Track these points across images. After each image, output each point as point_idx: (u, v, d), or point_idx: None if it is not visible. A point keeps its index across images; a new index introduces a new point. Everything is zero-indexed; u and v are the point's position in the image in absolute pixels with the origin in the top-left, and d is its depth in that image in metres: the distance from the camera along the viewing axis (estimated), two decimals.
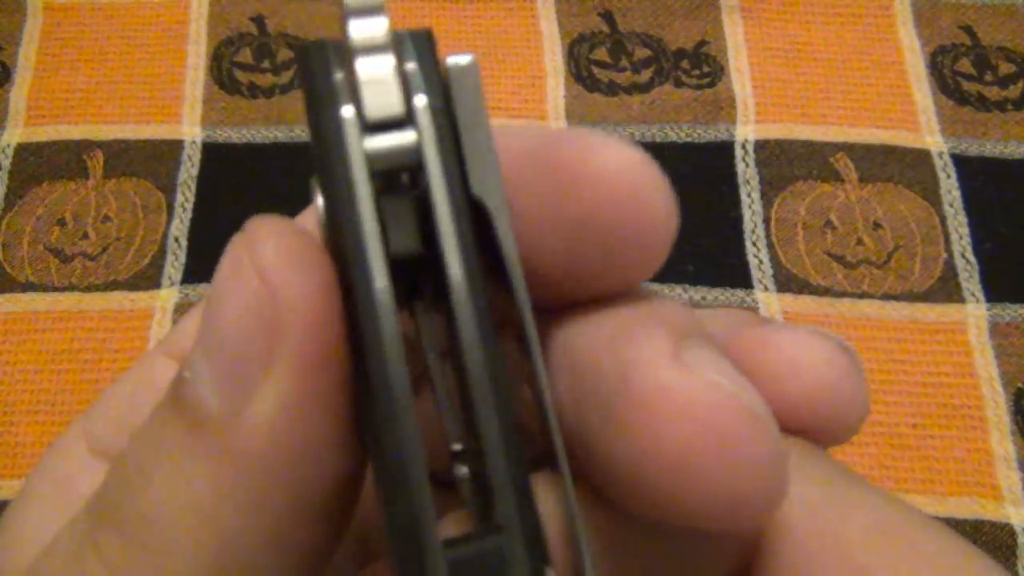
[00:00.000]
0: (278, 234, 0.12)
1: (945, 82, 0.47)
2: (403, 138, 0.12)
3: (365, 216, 0.12)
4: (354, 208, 0.12)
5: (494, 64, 0.47)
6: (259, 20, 0.48)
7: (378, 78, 0.12)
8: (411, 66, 0.12)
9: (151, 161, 0.44)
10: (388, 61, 0.12)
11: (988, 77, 0.47)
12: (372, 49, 0.12)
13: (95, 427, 0.17)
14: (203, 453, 0.12)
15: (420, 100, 0.12)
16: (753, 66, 0.47)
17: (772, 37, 0.48)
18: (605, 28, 0.48)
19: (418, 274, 0.13)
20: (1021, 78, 0.47)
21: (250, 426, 0.12)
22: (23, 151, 0.44)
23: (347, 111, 0.12)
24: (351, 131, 0.12)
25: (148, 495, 0.13)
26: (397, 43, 0.12)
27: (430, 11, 0.48)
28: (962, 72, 0.47)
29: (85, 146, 0.44)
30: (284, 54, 0.47)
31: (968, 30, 0.49)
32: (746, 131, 0.45)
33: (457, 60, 0.12)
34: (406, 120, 0.12)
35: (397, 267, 0.12)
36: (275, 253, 0.12)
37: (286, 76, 0.46)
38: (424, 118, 0.12)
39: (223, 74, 0.46)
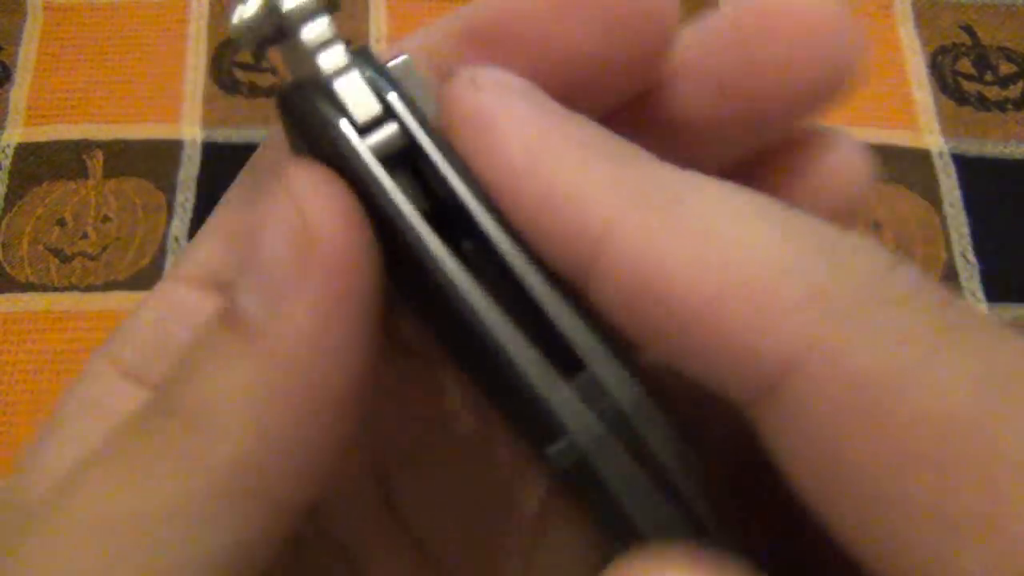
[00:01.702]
0: (309, 172, 0.15)
1: (945, 82, 0.47)
2: (391, 128, 0.15)
3: (390, 189, 0.15)
4: (380, 188, 0.15)
5: None
6: None
7: (356, 91, 0.15)
8: (369, 74, 0.15)
9: (151, 161, 0.44)
10: (357, 77, 0.15)
11: (988, 77, 0.47)
12: (340, 72, 0.15)
13: (124, 352, 0.18)
14: (247, 353, 0.14)
15: (392, 97, 0.15)
16: None
17: None
18: None
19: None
20: (1021, 78, 0.47)
21: (285, 328, 0.14)
22: (23, 151, 0.44)
23: (344, 124, 0.15)
24: (354, 138, 0.15)
25: (201, 385, 0.14)
26: (353, 60, 0.15)
27: (430, 11, 0.48)
28: (962, 72, 0.47)
29: (85, 146, 0.44)
30: None
31: (968, 30, 0.49)
32: None
33: (395, 61, 0.16)
34: (384, 116, 0.15)
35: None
36: (306, 186, 0.15)
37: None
38: (401, 109, 0.15)
39: (223, 74, 0.46)
